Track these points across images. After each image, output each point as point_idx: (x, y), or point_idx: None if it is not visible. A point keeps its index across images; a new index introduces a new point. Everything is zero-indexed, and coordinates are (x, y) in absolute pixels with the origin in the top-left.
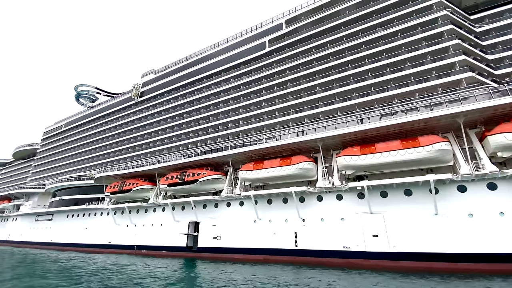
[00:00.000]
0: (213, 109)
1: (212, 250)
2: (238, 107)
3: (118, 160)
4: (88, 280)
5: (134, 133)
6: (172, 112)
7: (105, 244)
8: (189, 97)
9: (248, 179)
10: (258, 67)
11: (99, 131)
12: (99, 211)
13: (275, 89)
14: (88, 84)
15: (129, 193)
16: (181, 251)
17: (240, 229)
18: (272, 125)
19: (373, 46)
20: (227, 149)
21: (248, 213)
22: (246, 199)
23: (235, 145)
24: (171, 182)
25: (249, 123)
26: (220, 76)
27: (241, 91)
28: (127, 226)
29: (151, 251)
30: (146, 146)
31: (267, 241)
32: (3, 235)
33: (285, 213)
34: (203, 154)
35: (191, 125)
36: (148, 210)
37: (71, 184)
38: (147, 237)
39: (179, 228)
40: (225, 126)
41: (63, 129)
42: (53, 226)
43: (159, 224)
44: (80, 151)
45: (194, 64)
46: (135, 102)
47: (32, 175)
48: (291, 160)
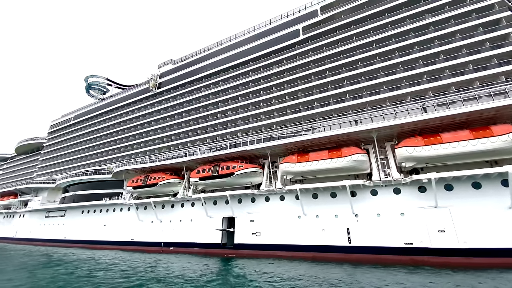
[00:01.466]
0: (241, 100)
1: (251, 246)
2: (271, 97)
3: (137, 153)
4: (141, 278)
5: (153, 125)
6: (195, 104)
7: (127, 241)
8: (213, 87)
9: (291, 172)
10: (291, 56)
11: (114, 123)
12: (119, 207)
13: (312, 78)
14: (98, 75)
15: (154, 187)
16: (215, 248)
17: (282, 225)
18: (310, 116)
19: (421, 33)
20: (266, 141)
21: (290, 208)
22: (287, 194)
23: (272, 137)
24: (203, 176)
25: (282, 114)
26: (248, 66)
27: (272, 81)
28: (151, 222)
29: (181, 248)
30: (168, 139)
31: (315, 237)
32: (10, 232)
33: (335, 208)
34: (237, 146)
35: (218, 117)
36: (175, 205)
37: (86, 179)
38: (175, 233)
39: (212, 224)
40: (256, 117)
41: (72, 122)
42: (66, 223)
43: (189, 220)
44: (92, 145)
45: (217, 54)
46: (152, 94)
47: (39, 170)
48: (341, 151)
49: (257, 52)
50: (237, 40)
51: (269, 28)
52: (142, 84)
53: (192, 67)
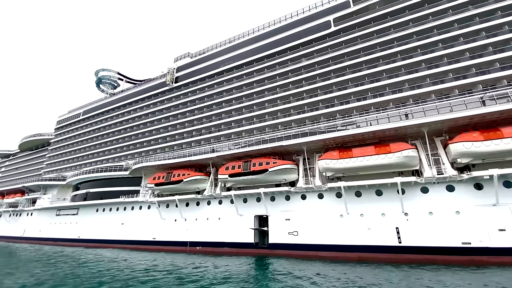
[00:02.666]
0: (267, 94)
1: (288, 246)
2: (302, 91)
3: (155, 150)
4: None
5: (172, 120)
6: (217, 98)
7: (149, 241)
8: (236, 81)
9: (331, 169)
10: (322, 49)
11: (127, 118)
12: (138, 205)
13: (347, 71)
14: (110, 69)
15: (179, 184)
16: (247, 248)
17: (322, 224)
18: (345, 110)
19: (465, 25)
20: (303, 136)
21: (331, 207)
22: (327, 192)
23: (311, 132)
24: (233, 172)
25: (314, 109)
26: (274, 59)
27: (302, 74)
28: (175, 221)
29: (209, 248)
30: (188, 135)
31: (360, 237)
32: (17, 231)
33: (381, 206)
34: (270, 141)
35: (242, 112)
36: (201, 203)
37: (99, 176)
38: (202, 232)
39: (242, 223)
40: (284, 112)
41: (82, 117)
42: (79, 221)
43: (216, 218)
44: (104, 141)
45: (240, 47)
46: (169, 88)
47: (46, 167)
48: (390, 147)
49: (284, 44)
50: (261, 33)
51: (296, 20)
52: (156, 79)
53: (212, 61)
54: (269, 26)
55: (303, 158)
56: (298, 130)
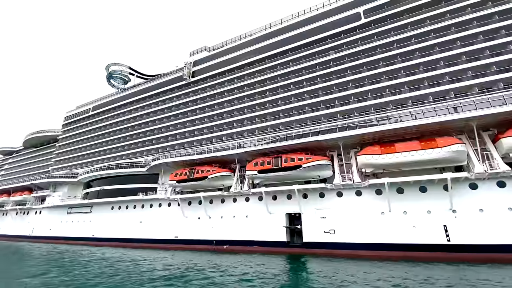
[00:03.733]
0: (293, 88)
1: (324, 245)
2: (331, 85)
3: (172, 146)
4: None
5: (190, 116)
6: (237, 93)
7: (170, 239)
8: (258, 76)
9: (372, 165)
10: (351, 41)
11: (141, 114)
12: (157, 202)
13: (380, 64)
14: (121, 63)
15: (203, 181)
16: (279, 247)
17: (361, 222)
18: (379, 104)
19: (508, 17)
20: (342, 130)
21: (371, 204)
22: (366, 188)
23: (350, 126)
24: (262, 168)
25: (345, 104)
26: (299, 52)
27: (331, 67)
28: (198, 219)
29: (237, 246)
30: (208, 131)
31: (404, 235)
32: (25, 230)
33: (426, 203)
34: (304, 136)
35: (267, 107)
36: (226, 200)
37: (113, 173)
38: (228, 230)
39: (273, 221)
40: (313, 107)
41: (91, 112)
42: (93, 219)
43: (244, 216)
44: (116, 137)
45: (261, 40)
46: (186, 83)
47: (54, 163)
48: (436, 142)
49: (309, 37)
50: (285, 25)
51: (323, 12)
52: (171, 73)
53: (231, 54)
54: (293, 18)
55: (337, 153)
56: (332, 125)
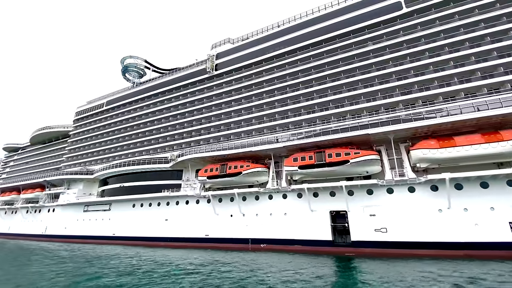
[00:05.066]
0: (328, 81)
1: (375, 244)
2: (371, 77)
3: (197, 141)
4: None
5: (214, 110)
6: (266, 86)
7: (201, 238)
8: (289, 68)
9: (428, 160)
10: (392, 32)
11: (161, 108)
12: (183, 199)
13: (426, 55)
14: (137, 56)
15: (237, 177)
16: (323, 246)
17: (417, 219)
18: (426, 97)
19: None
20: (395, 122)
21: (426, 201)
22: (420, 185)
23: (405, 119)
24: (303, 164)
25: (388, 96)
26: (333, 43)
27: (369, 59)
28: (231, 216)
29: (276, 245)
30: (236, 125)
31: (466, 233)
32: (37, 229)
33: (489, 200)
34: (350, 130)
35: (300, 100)
36: (261, 197)
37: (135, 169)
38: (265, 229)
39: (315, 219)
40: (351, 100)
41: (105, 107)
42: (113, 218)
43: (282, 214)
44: (133, 132)
45: (290, 31)
46: (209, 76)
47: (67, 160)
48: (501, 135)
49: (344, 28)
50: (316, 16)
51: (358, 2)
52: (191, 67)
53: (258, 46)
54: (325, 8)
55: (385, 148)
56: (376, 118)
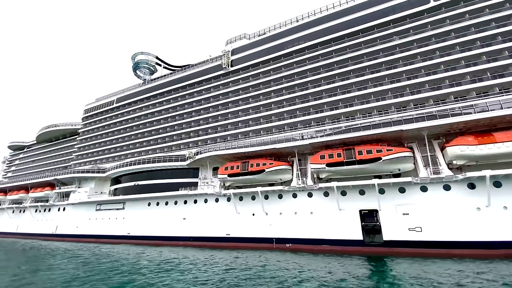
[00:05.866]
0: (352, 76)
1: (409, 244)
2: (399, 72)
3: (214, 138)
4: None
5: (231, 107)
6: (285, 83)
7: (222, 237)
8: (309, 63)
9: (466, 157)
10: (418, 26)
11: (174, 106)
12: (202, 198)
13: (456, 50)
14: (148, 53)
15: (259, 175)
16: (353, 246)
17: (453, 218)
18: (458, 93)
19: None
20: (431, 118)
21: (462, 199)
22: (456, 183)
23: (442, 115)
24: (332, 161)
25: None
26: (358, 37)
27: (395, 54)
28: (253, 215)
29: (302, 245)
30: (254, 122)
31: (505, 232)
32: (47, 228)
33: None
34: (382, 126)
35: (322, 96)
36: (284, 195)
37: (150, 167)
38: (290, 228)
39: (343, 218)
40: (377, 96)
41: (115, 104)
42: (127, 216)
43: (308, 213)
44: (147, 130)
45: (311, 26)
46: (224, 72)
47: (77, 158)
48: None
49: (368, 22)
50: (338, 10)
51: None
52: (205, 63)
53: (276, 41)
54: (347, 2)
55: (417, 145)
56: (406, 114)
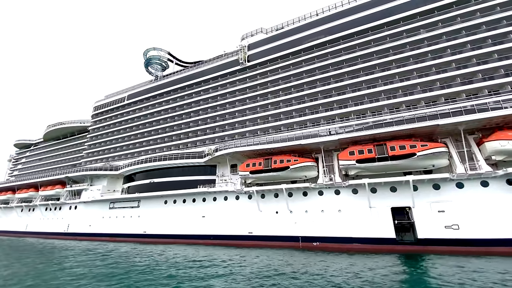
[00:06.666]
0: (377, 71)
1: (445, 242)
2: (427, 66)
3: (231, 135)
4: None
5: (248, 103)
6: (305, 78)
7: (243, 235)
8: (331, 58)
9: (507, 152)
10: (447, 19)
11: (189, 102)
12: (221, 195)
13: (488, 43)
14: (160, 48)
15: (283, 172)
16: (385, 244)
17: (493, 215)
18: (492, 87)
19: None
20: (470, 112)
21: (502, 196)
22: (496, 179)
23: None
24: (362, 158)
25: (446, 86)
26: (383, 31)
27: (422, 47)
28: (276, 213)
29: (330, 244)
30: (273, 119)
31: None
32: (58, 227)
33: None
34: (416, 120)
35: (346, 91)
36: (309, 193)
37: (166, 164)
38: (317, 226)
39: (373, 215)
40: (405, 90)
41: (127, 101)
42: (142, 215)
43: (336, 210)
44: (160, 126)
45: (334, 19)
46: (241, 68)
47: (87, 156)
48: None
49: (393, 15)
50: (365, 1)
51: None
52: (221, 58)
53: (294, 36)
54: None
55: (450, 140)
56: (437, 108)
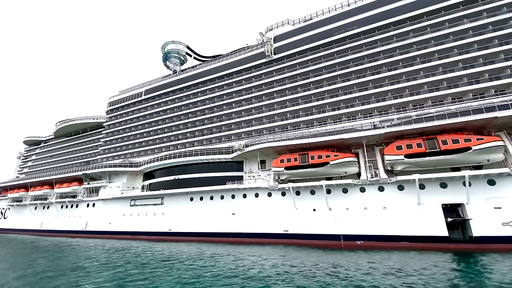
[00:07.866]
0: (417, 62)
1: (504, 240)
2: (474, 57)
3: (259, 130)
4: None
5: (276, 98)
6: (338, 70)
7: (279, 234)
8: (365, 50)
9: None
10: (492, 8)
11: (211, 97)
12: (252, 192)
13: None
14: (179, 42)
15: (322, 168)
16: (438, 242)
17: None
18: None
19: None
20: None
21: None
22: None
23: None
24: (411, 152)
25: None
26: (422, 21)
27: (467, 37)
28: (313, 210)
29: (375, 242)
30: (304, 113)
31: None
32: (76, 225)
33: None
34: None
35: (383, 84)
36: (349, 189)
37: (192, 160)
38: (359, 224)
39: (422, 212)
40: (449, 82)
41: (144, 96)
42: (167, 212)
43: (380, 208)
44: (182, 122)
45: (368, 8)
46: (267, 61)
47: (103, 152)
48: None
49: (434, 4)
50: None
51: None
52: (245, 51)
53: (324, 27)
54: None
55: (505, 134)
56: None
